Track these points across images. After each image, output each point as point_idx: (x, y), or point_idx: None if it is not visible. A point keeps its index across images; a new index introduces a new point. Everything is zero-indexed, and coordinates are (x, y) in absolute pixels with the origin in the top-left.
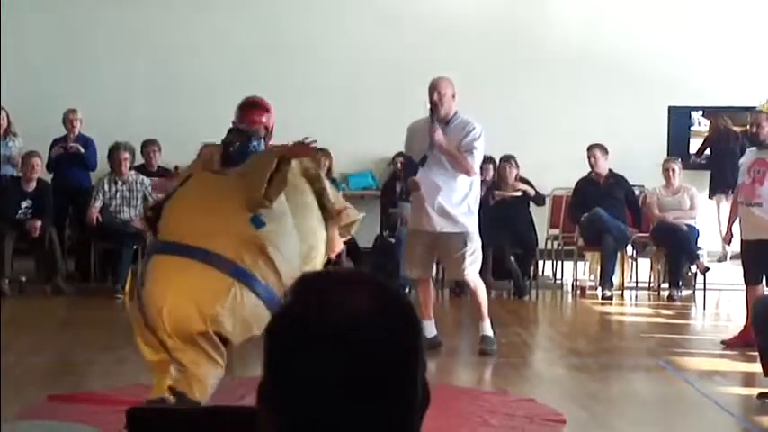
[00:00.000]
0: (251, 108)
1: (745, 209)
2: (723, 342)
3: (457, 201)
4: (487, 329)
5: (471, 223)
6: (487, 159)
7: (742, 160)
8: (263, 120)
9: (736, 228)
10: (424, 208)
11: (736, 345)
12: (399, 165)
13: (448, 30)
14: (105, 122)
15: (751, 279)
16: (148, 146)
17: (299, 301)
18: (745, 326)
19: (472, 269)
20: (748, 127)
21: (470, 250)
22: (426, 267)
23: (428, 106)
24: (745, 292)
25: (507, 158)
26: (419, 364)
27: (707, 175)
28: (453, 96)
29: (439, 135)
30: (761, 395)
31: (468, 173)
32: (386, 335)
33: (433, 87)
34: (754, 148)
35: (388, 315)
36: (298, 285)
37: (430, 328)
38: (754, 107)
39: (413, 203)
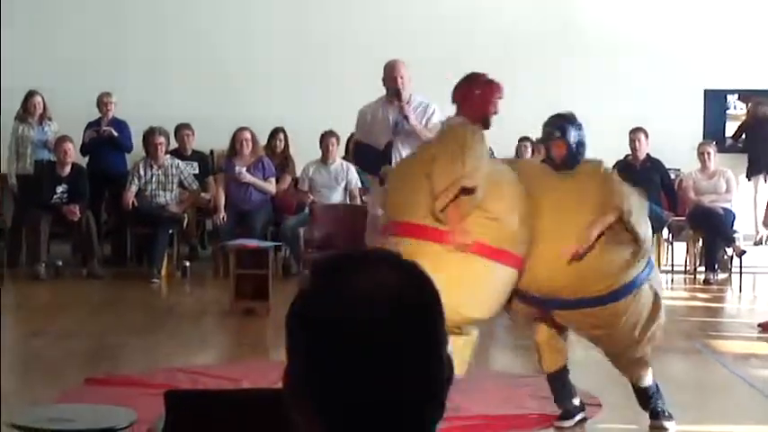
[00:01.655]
0: None
1: None
2: (760, 325)
3: None
4: None
5: None
6: (524, 139)
7: None
8: None
9: None
10: None
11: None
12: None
13: (489, 21)
14: (140, 107)
15: None
16: (182, 129)
17: (319, 282)
18: None
19: None
20: (748, 108)
21: None
22: None
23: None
24: None
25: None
26: (442, 337)
27: (743, 158)
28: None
29: (413, 118)
30: None
31: None
32: (409, 310)
33: (395, 70)
34: None
35: (409, 290)
36: (316, 268)
37: None
38: None
39: (375, 192)
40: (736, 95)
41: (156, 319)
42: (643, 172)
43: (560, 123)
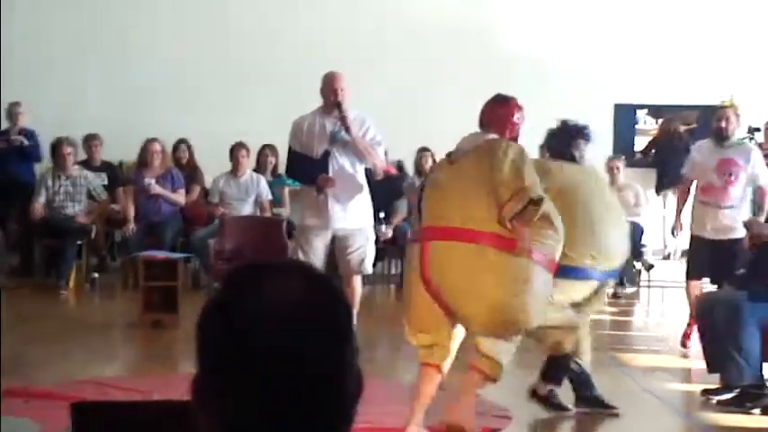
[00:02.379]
0: None
1: (713, 210)
2: (683, 345)
3: (360, 197)
4: None
5: (370, 218)
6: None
7: (699, 158)
8: None
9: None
10: (326, 205)
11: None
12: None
13: (402, 35)
14: (48, 117)
15: (695, 274)
16: (90, 140)
17: (228, 292)
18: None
19: (370, 264)
20: (715, 122)
21: (371, 245)
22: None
23: (324, 100)
24: (685, 287)
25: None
26: (351, 350)
27: (652, 173)
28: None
29: (354, 129)
30: (705, 392)
31: (379, 165)
32: (317, 322)
33: (335, 82)
34: (711, 145)
35: (318, 303)
36: (228, 276)
37: None
38: (700, 105)
39: (307, 202)
40: (646, 110)
41: (65, 331)
42: None
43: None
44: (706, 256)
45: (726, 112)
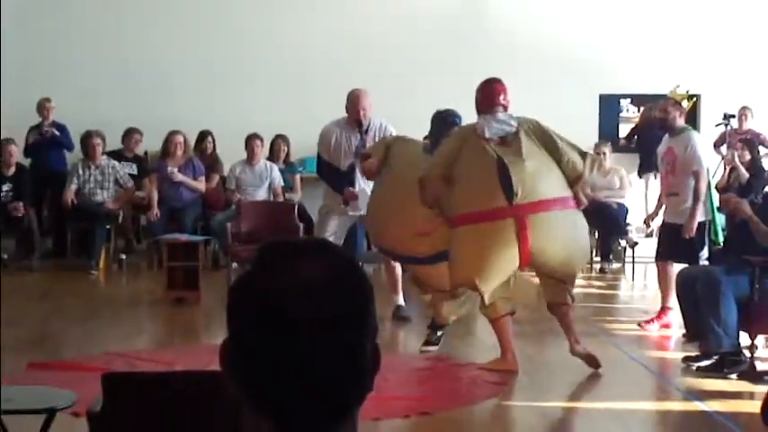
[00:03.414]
0: None
1: (666, 198)
2: (640, 325)
3: None
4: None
5: None
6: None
7: (659, 149)
8: None
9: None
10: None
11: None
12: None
13: (403, 24)
14: (77, 111)
15: (664, 256)
16: (131, 133)
17: (256, 269)
18: (666, 309)
19: None
20: (656, 113)
21: None
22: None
23: (346, 114)
24: (657, 271)
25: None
26: (370, 328)
27: (635, 157)
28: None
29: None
30: (685, 359)
31: None
32: (338, 301)
33: (359, 101)
34: (666, 136)
35: (340, 282)
36: (257, 253)
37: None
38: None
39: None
40: (629, 100)
41: (95, 308)
42: None
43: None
44: (666, 239)
45: (664, 104)
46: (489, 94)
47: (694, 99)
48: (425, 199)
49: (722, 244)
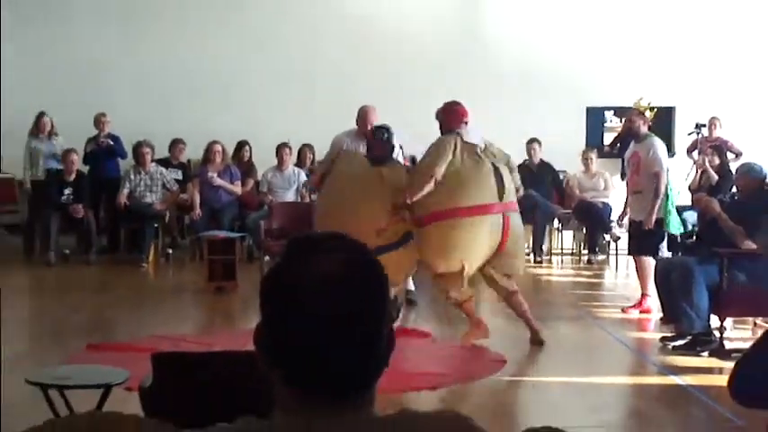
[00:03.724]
0: None
1: (632, 196)
2: (623, 310)
3: None
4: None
5: None
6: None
7: (626, 153)
8: None
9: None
10: None
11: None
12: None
13: (409, 50)
14: (128, 124)
15: (635, 251)
16: (176, 143)
17: (283, 263)
18: (644, 297)
19: None
20: (623, 122)
21: None
22: None
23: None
24: (635, 263)
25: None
26: (385, 316)
27: (617, 162)
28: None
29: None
30: (663, 339)
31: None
32: (359, 286)
33: (367, 117)
34: (632, 142)
35: (359, 274)
36: (285, 248)
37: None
38: (655, 107)
39: None
40: (612, 111)
41: (144, 297)
42: (538, 174)
43: (382, 131)
44: (632, 235)
45: (630, 114)
46: (459, 114)
47: (655, 110)
48: (413, 194)
49: (695, 237)
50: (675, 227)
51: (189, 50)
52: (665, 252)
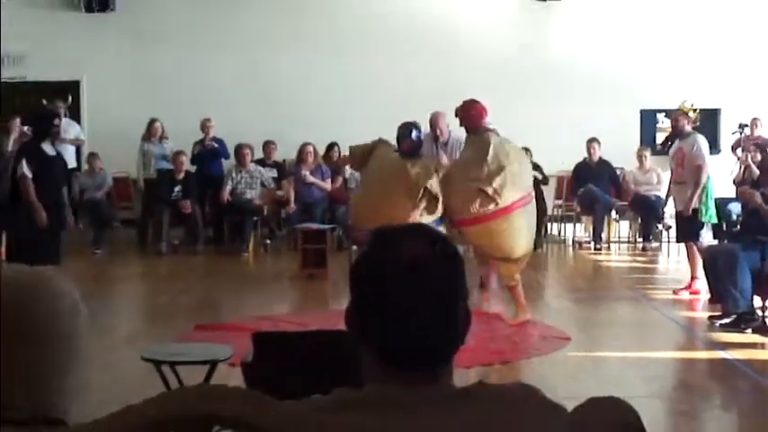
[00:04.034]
0: None
1: (675, 186)
2: (674, 292)
3: None
4: None
5: None
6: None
7: (671, 149)
8: None
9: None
10: None
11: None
12: None
13: (467, 59)
14: (229, 129)
15: (682, 239)
16: (269, 144)
17: (369, 251)
18: (693, 280)
19: None
20: (671, 121)
21: None
22: None
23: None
24: (685, 250)
25: (524, 150)
26: (462, 293)
27: (668, 159)
28: (447, 125)
29: (445, 158)
30: (710, 317)
31: None
32: (438, 272)
33: (437, 122)
34: (677, 140)
35: (439, 257)
36: (375, 235)
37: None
38: (702, 108)
39: None
40: (664, 113)
41: (245, 282)
42: (597, 170)
43: (410, 127)
44: (677, 224)
45: (675, 115)
46: (483, 113)
47: (698, 111)
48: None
49: (739, 226)
50: (710, 216)
51: (281, 66)
52: (707, 239)
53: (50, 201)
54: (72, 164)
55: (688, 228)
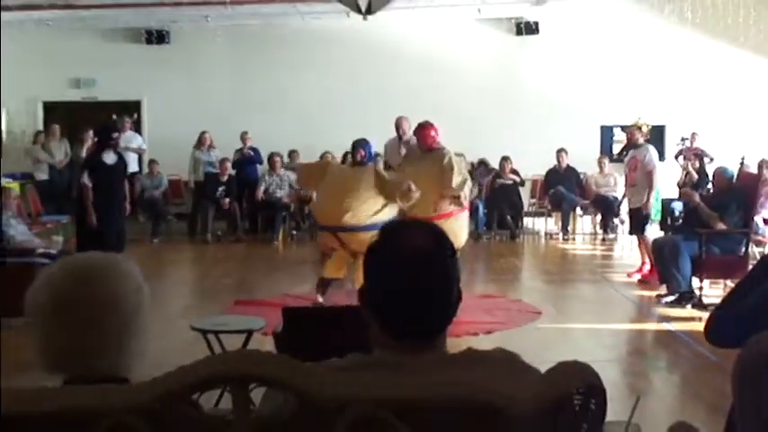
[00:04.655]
0: None
1: (629, 188)
2: (628, 275)
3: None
4: None
5: None
6: (481, 163)
7: (625, 158)
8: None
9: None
10: None
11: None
12: None
13: (458, 82)
14: (264, 140)
15: (633, 232)
16: (292, 152)
17: (380, 239)
18: (643, 264)
19: None
20: (626, 134)
21: None
22: None
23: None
24: (637, 241)
25: (505, 158)
26: (455, 276)
27: (622, 165)
28: (409, 126)
29: (403, 151)
30: (657, 296)
31: None
32: (435, 258)
33: (400, 124)
34: (631, 150)
35: (436, 246)
36: (382, 228)
37: None
38: (652, 125)
39: None
40: (620, 128)
41: (276, 266)
42: (564, 174)
43: (363, 143)
44: (629, 219)
45: (630, 129)
46: (437, 134)
47: (650, 126)
48: (453, 194)
49: (681, 221)
50: (657, 213)
51: (305, 88)
52: (653, 232)
53: (107, 203)
54: (135, 168)
55: (637, 223)
